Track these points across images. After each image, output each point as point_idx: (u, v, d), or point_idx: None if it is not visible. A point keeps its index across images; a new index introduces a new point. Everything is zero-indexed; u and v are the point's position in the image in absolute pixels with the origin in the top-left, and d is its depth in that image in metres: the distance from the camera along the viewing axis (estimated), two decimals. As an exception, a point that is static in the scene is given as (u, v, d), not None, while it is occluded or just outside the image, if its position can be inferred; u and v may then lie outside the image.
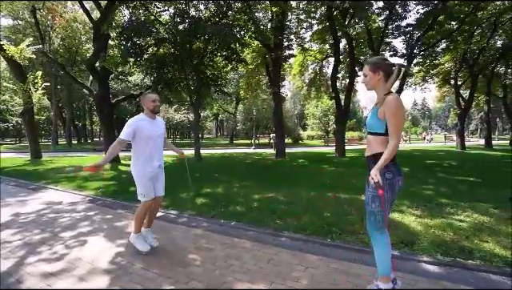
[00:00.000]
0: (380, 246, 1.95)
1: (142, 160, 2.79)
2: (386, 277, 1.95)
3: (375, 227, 1.95)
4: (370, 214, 1.97)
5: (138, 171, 2.79)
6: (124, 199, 5.05)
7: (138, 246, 2.85)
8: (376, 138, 1.92)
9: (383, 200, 1.89)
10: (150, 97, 2.87)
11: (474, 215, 3.98)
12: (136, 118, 2.84)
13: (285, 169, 9.67)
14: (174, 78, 11.28)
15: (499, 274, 2.45)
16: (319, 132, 39.03)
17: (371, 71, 1.95)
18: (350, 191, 5.67)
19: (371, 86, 1.98)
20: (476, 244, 3.00)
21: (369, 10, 13.46)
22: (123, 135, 2.71)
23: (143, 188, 2.80)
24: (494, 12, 14.42)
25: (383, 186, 1.83)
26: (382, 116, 1.84)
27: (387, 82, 1.93)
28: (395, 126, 1.79)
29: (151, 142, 2.83)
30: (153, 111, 2.87)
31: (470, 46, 15.78)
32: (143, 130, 2.76)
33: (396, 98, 1.82)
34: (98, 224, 3.77)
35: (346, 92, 14.79)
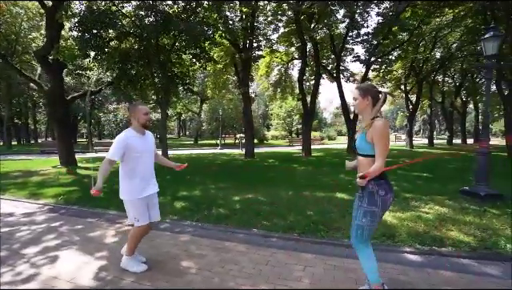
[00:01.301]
0: (366, 257, 2.04)
1: (133, 181, 2.49)
2: (378, 284, 2.05)
3: (361, 240, 2.03)
4: (357, 227, 2.02)
5: (130, 192, 2.47)
6: (93, 207, 4.60)
7: (132, 269, 2.54)
8: (367, 160, 2.00)
9: (376, 217, 1.98)
10: (141, 109, 2.51)
11: (436, 207, 4.45)
12: (125, 134, 2.49)
13: (257, 169, 9.72)
14: (139, 75, 10.58)
15: (468, 258, 2.79)
16: (283, 132, 40.09)
17: (360, 96, 2.06)
18: (324, 189, 5.93)
19: (359, 109, 2.09)
20: (444, 233, 3.36)
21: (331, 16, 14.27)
22: (113, 155, 2.40)
23: (137, 212, 2.50)
24: (435, 27, 16.35)
25: (377, 203, 1.95)
26: (371, 139, 1.94)
27: (374, 107, 2.04)
28: (381, 149, 1.90)
29: (143, 160, 2.53)
30: (144, 126, 2.55)
31: (416, 56, 17.63)
32: (134, 147, 2.45)
33: (383, 123, 1.93)
34: (68, 236, 3.37)
35: (311, 94, 15.41)
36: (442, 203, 4.66)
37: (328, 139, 38.83)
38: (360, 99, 2.05)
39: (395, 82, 20.88)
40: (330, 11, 13.21)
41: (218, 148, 23.24)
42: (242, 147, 20.96)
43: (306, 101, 15.09)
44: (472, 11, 13.01)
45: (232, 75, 16.69)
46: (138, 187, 2.49)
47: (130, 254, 2.59)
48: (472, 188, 5.19)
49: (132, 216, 2.52)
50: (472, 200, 4.89)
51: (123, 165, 2.50)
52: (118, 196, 4.93)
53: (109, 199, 4.88)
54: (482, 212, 4.22)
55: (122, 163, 2.49)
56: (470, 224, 3.64)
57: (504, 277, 2.46)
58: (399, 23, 12.88)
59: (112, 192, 5.48)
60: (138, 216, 2.50)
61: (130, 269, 2.53)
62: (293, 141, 31.44)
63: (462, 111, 26.68)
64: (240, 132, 27.26)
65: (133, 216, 2.51)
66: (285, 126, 38.38)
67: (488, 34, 4.99)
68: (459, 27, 16.40)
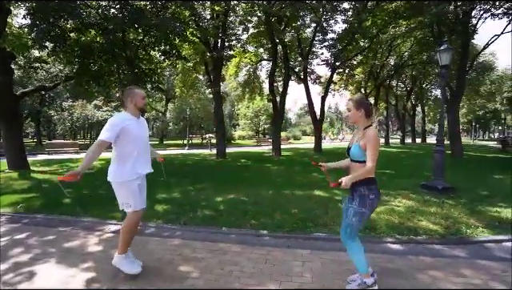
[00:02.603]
0: (354, 251, 2.23)
1: (127, 165, 2.36)
2: (367, 274, 2.24)
3: (349, 236, 2.22)
4: (347, 226, 2.22)
5: (124, 177, 2.34)
6: (63, 213, 4.19)
7: (125, 268, 2.39)
8: (359, 165, 2.18)
9: (364, 217, 2.18)
10: (139, 93, 2.46)
11: (404, 201, 4.92)
12: (121, 116, 2.37)
13: (232, 169, 9.70)
14: (103, 71, 9.84)
15: (439, 244, 3.17)
16: (250, 132, 40.40)
17: (355, 108, 2.24)
18: (302, 187, 6.17)
19: (353, 120, 2.27)
20: (416, 223, 3.75)
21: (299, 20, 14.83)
22: (106, 136, 2.24)
23: (131, 197, 2.37)
24: (390, 37, 17.95)
25: (367, 205, 2.14)
26: (364, 147, 2.14)
27: (367, 117, 2.23)
28: (372, 154, 2.09)
29: (139, 144, 2.42)
30: (141, 110, 2.48)
31: (375, 62, 19.15)
32: (130, 131, 2.33)
33: (374, 132, 2.14)
34: (40, 249, 3.03)
35: (281, 95, 15.81)
36: (408, 197, 5.16)
37: (294, 139, 40.10)
38: (354, 111, 2.22)
39: (356, 86, 22.41)
40: (298, 15, 13.72)
41: (186, 148, 22.58)
42: (211, 147, 20.66)
43: (275, 102, 15.43)
44: (421, 24, 14.52)
45: (202, 74, 16.33)
46: (129, 169, 2.37)
47: (123, 251, 2.43)
48: (430, 182, 5.84)
49: (124, 200, 2.38)
50: (431, 193, 5.50)
51: (117, 148, 2.37)
52: (91, 202, 4.61)
53: (80, 205, 4.49)
54: (442, 203, 4.78)
55: (116, 145, 2.35)
56: (435, 214, 4.11)
57: (470, 257, 2.85)
58: (361, 31, 13.85)
59: (83, 198, 5.07)
60: (130, 200, 2.37)
61: (123, 269, 2.39)
62: (261, 141, 31.85)
63: (412, 113, 29.61)
64: (208, 132, 26.79)
65: (125, 200, 2.38)
66: (252, 126, 38.68)
67: (443, 46, 5.66)
68: (410, 38, 18.21)
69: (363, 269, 2.20)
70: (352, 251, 2.23)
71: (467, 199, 5.08)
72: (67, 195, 2.53)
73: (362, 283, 2.19)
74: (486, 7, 12.27)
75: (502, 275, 2.49)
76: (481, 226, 3.64)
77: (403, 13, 13.70)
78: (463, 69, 12.78)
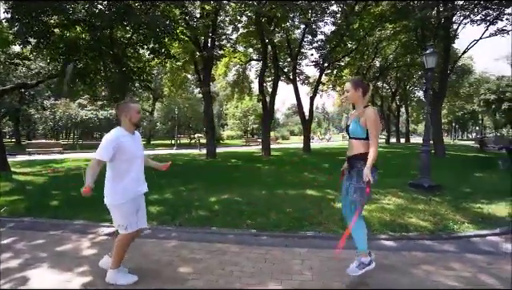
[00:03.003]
0: (358, 227, 2.31)
1: (123, 184, 2.30)
2: (366, 253, 2.33)
3: (354, 213, 2.29)
4: (350, 203, 2.31)
5: (119, 197, 2.29)
6: (52, 217, 4.05)
7: (121, 282, 2.33)
8: (359, 142, 2.29)
9: (368, 193, 2.27)
10: (134, 107, 2.37)
11: (393, 199, 5.09)
12: (116, 133, 2.29)
13: (223, 169, 9.67)
14: (89, 69, 9.56)
15: (429, 239, 3.31)
16: (238, 132, 40.35)
17: (353, 88, 2.34)
18: (294, 187, 6.24)
19: (352, 100, 2.37)
20: (406, 220, 3.89)
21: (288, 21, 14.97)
22: (103, 156, 2.20)
23: (125, 219, 2.31)
24: (376, 40, 18.45)
25: (373, 183, 2.22)
26: (364, 124, 2.24)
27: (364, 97, 2.32)
28: (375, 133, 2.21)
29: (135, 162, 2.37)
30: (136, 125, 2.42)
31: (362, 64, 19.59)
32: (126, 148, 2.28)
33: (374, 111, 2.26)
34: (30, 253, 2.92)
35: (270, 95, 15.89)
36: (397, 195, 5.34)
37: (282, 139, 40.38)
38: (352, 91, 2.32)
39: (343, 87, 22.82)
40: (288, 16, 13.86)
41: (174, 148, 22.27)
42: (200, 147, 20.48)
43: (265, 102, 15.49)
44: (406, 28, 15.01)
45: (191, 74, 16.15)
46: (125, 190, 2.31)
47: (116, 266, 2.37)
48: (417, 181, 6.07)
49: (119, 222, 2.33)
50: (418, 191, 5.71)
51: (112, 166, 2.31)
52: (81, 204, 4.48)
53: (69, 208, 4.36)
54: (429, 201, 4.98)
55: (111, 163, 2.29)
56: (424, 211, 4.28)
57: (458, 251, 2.99)
58: (349, 33, 14.15)
59: (72, 200, 4.91)
60: (126, 223, 2.32)
61: (119, 283, 2.33)
62: (249, 141, 31.86)
63: (397, 114, 30.54)
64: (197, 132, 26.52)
65: (120, 223, 2.33)
66: (241, 126, 38.64)
67: (428, 50, 5.89)
68: (395, 41, 18.79)
69: (362, 247, 2.28)
70: (354, 229, 2.28)
71: (452, 197, 5.31)
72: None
73: (360, 264, 2.26)
74: (466, 13, 12.87)
75: (488, 267, 2.63)
76: (466, 222, 3.83)
77: (389, 16, 14.11)
78: (445, 72, 13.32)
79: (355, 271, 2.28)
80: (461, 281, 2.36)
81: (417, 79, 25.86)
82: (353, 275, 2.28)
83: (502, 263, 2.73)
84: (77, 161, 11.26)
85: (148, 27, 8.22)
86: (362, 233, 2.30)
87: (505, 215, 4.29)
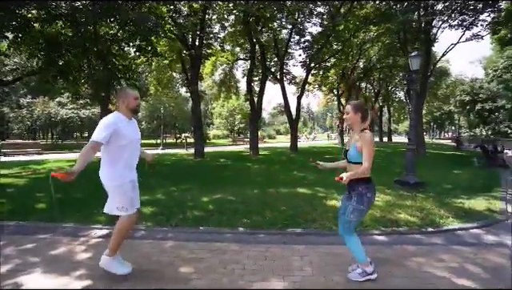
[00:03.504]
0: (354, 244, 2.41)
1: (119, 167, 2.33)
2: (366, 263, 2.42)
3: (348, 231, 2.40)
4: (345, 222, 2.38)
5: (116, 179, 2.30)
6: (40, 220, 3.89)
7: (115, 270, 2.33)
8: (356, 166, 2.34)
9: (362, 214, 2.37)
10: (131, 94, 2.41)
11: (382, 196, 5.28)
12: (114, 117, 2.31)
13: (212, 169, 9.63)
14: (72, 66, 9.21)
15: (418, 233, 3.49)
16: (225, 131, 40.17)
17: (352, 111, 2.40)
18: (286, 185, 6.34)
19: (351, 122, 2.43)
20: (396, 216, 4.07)
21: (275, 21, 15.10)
22: (99, 138, 2.17)
23: (125, 200, 2.32)
24: (360, 41, 18.99)
25: (364, 203, 2.31)
26: (360, 149, 2.30)
27: (362, 121, 2.40)
28: (368, 155, 2.27)
29: (131, 147, 2.38)
30: (134, 111, 2.44)
31: (346, 65, 20.09)
32: (123, 132, 2.29)
33: (370, 135, 2.32)
34: (20, 259, 2.80)
35: (258, 95, 15.95)
36: (384, 192, 5.55)
37: (268, 138, 40.60)
38: (352, 114, 2.38)
39: (329, 87, 23.32)
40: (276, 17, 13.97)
41: (160, 148, 21.84)
42: (187, 146, 20.23)
43: (253, 101, 15.54)
44: (389, 31, 15.55)
45: (178, 72, 15.91)
46: (123, 172, 2.35)
47: (112, 253, 2.36)
48: (403, 178, 6.33)
49: (119, 205, 2.31)
50: (404, 188, 5.97)
51: (108, 150, 2.30)
52: (68, 206, 4.34)
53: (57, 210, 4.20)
54: (414, 197, 5.22)
55: (107, 147, 2.28)
56: (411, 207, 4.49)
57: (445, 244, 3.18)
58: (335, 34, 14.47)
59: (58, 202, 4.74)
60: (126, 204, 2.33)
61: (113, 271, 2.33)
62: (236, 140, 31.81)
63: (379, 114, 31.51)
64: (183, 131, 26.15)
65: (120, 205, 2.32)
66: (227, 125, 38.48)
67: (413, 52, 6.16)
68: (378, 43, 19.41)
69: (362, 259, 2.37)
70: (351, 244, 2.40)
71: (435, 193, 5.60)
72: (53, 194, 2.41)
73: (363, 272, 2.36)
74: (444, 18, 13.52)
75: (474, 257, 2.82)
76: (450, 216, 4.06)
77: (373, 19, 14.55)
78: (426, 74, 13.92)
79: (357, 277, 2.37)
80: (450, 271, 2.52)
81: (398, 81, 26.83)
82: (354, 280, 2.36)
83: (485, 253, 2.93)
84: (58, 162, 10.80)
85: (135, 24, 8.03)
86: (357, 247, 2.39)
87: (483, 209, 4.59)
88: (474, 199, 5.16)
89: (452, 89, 34.40)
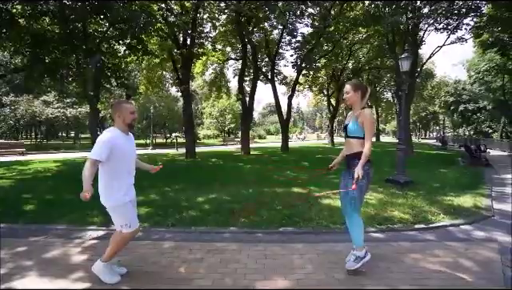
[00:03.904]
0: (357, 224, 2.47)
1: (119, 184, 2.28)
2: (362, 247, 2.49)
3: (354, 209, 2.45)
4: (351, 199, 2.43)
5: (116, 201, 2.26)
6: (29, 222, 3.76)
7: (104, 277, 2.30)
8: (357, 141, 2.44)
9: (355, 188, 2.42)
10: (127, 108, 2.34)
11: (375, 194, 5.40)
12: (111, 133, 2.26)
13: (205, 169, 9.58)
14: (59, 64, 8.95)
15: (412, 230, 3.60)
16: (215, 131, 39.93)
17: (352, 90, 2.48)
18: (280, 185, 6.37)
19: (351, 101, 2.51)
20: (389, 214, 4.17)
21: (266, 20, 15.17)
22: (99, 156, 2.14)
23: (128, 217, 2.29)
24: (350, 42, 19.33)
25: (364, 177, 2.38)
26: (361, 124, 2.39)
27: (362, 99, 2.47)
28: (370, 133, 2.38)
29: (128, 162, 2.36)
30: (130, 126, 2.37)
31: (336, 66, 20.38)
32: (120, 149, 2.24)
33: (371, 112, 2.44)
34: (14, 262, 2.70)
35: (250, 95, 15.97)
36: (377, 191, 5.67)
37: (259, 138, 40.67)
38: (352, 93, 2.46)
39: (320, 87, 23.60)
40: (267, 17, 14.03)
41: (150, 148, 21.51)
42: (178, 146, 20.01)
43: (245, 101, 15.54)
44: (378, 33, 15.89)
45: (168, 71, 15.70)
46: (123, 190, 2.30)
47: (107, 260, 2.33)
48: (394, 177, 6.49)
49: (122, 223, 2.29)
50: (395, 186, 6.12)
51: (106, 167, 2.25)
52: (59, 208, 4.23)
53: (47, 212, 4.09)
54: (405, 195, 5.36)
55: (105, 165, 2.23)
56: (403, 205, 4.61)
57: (438, 240, 3.29)
58: (326, 35, 14.68)
59: (48, 204, 4.60)
60: (129, 221, 2.30)
61: (102, 277, 2.30)
62: (227, 140, 31.70)
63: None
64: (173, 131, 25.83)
65: (123, 223, 2.29)
66: (218, 125, 38.26)
67: (404, 54, 6.33)
68: (367, 45, 19.80)
69: (359, 242, 2.43)
70: (353, 224, 2.43)
71: (425, 191, 5.77)
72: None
73: (357, 258, 2.41)
74: (430, 22, 13.93)
75: (466, 252, 2.93)
76: (441, 213, 4.20)
77: (362, 21, 14.83)
78: (413, 75, 14.29)
79: (353, 265, 2.42)
80: (445, 266, 2.61)
81: (386, 81, 27.44)
82: (351, 269, 2.41)
83: (476, 248, 3.05)
84: (45, 163, 10.45)
85: (126, 22, 7.87)
86: (360, 229, 2.45)
87: (470, 206, 4.77)
88: (462, 197, 5.35)
89: (437, 90, 35.52)
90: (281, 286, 2.28)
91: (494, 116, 33.28)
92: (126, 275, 2.42)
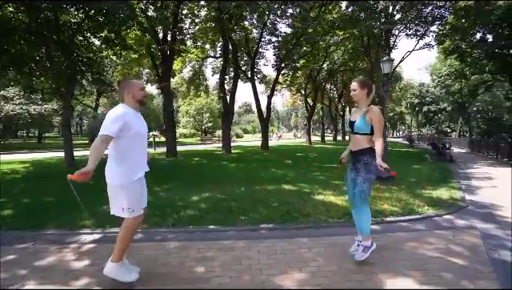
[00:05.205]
0: (365, 214, 2.61)
1: (128, 164, 2.17)
2: (369, 237, 2.64)
3: (364, 201, 2.59)
4: (361, 192, 2.56)
5: (124, 178, 2.14)
6: (11, 229, 3.44)
7: (122, 277, 2.18)
8: (363, 137, 2.57)
9: (371, 181, 2.61)
10: (136, 84, 2.29)
11: (361, 189, 5.68)
12: (121, 110, 2.15)
13: (190, 168, 9.41)
14: (27, 56, 8.23)
15: (404, 221, 3.85)
16: (192, 130, 39.15)
17: (359, 87, 2.60)
18: (270, 183, 6.47)
19: (357, 98, 2.63)
20: (380, 207, 4.42)
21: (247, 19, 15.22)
22: (110, 131, 2.03)
23: (133, 200, 2.17)
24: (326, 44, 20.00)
25: (372, 171, 2.54)
26: (369, 121, 2.51)
27: (368, 96, 2.62)
28: (379, 129, 2.51)
29: (139, 140, 2.26)
30: (141, 102, 2.30)
31: (314, 66, 20.97)
32: (131, 126, 2.14)
33: (379, 109, 2.56)
34: (7, 272, 2.46)
35: (230, 93, 15.89)
36: (363, 186, 5.97)
37: (236, 137, 40.53)
38: (359, 90, 2.57)
39: (297, 87, 24.11)
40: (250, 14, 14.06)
41: (124, 148, 20.47)
42: (156, 146, 19.32)
43: (226, 99, 15.44)
44: (353, 36, 16.61)
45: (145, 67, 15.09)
46: (131, 169, 2.19)
47: (118, 259, 2.21)
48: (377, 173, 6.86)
49: (125, 206, 2.16)
50: (379, 182, 6.48)
51: (117, 145, 2.15)
52: (40, 211, 3.95)
53: (28, 217, 3.77)
54: (390, 189, 5.71)
55: (116, 141, 2.13)
56: (390, 199, 4.91)
57: (428, 229, 3.57)
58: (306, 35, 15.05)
59: (27, 207, 4.25)
60: (133, 205, 2.18)
61: (120, 278, 2.18)
62: (204, 139, 31.22)
63: (342, 114, 33.50)
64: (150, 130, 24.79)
65: (126, 206, 2.16)
66: (195, 124, 37.55)
67: (385, 58, 6.71)
68: (342, 47, 20.61)
69: (367, 231, 2.58)
70: (362, 214, 2.57)
71: (405, 185, 6.19)
72: (78, 198, 2.20)
73: (365, 248, 2.55)
74: (401, 28, 14.87)
75: (454, 239, 3.22)
76: (426, 205, 4.54)
77: (339, 24, 15.42)
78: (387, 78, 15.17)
79: (362, 255, 2.55)
80: (440, 252, 2.85)
81: (359, 83, 28.73)
82: (361, 259, 2.54)
83: (462, 235, 3.36)
84: (10, 164, 9.53)
85: (106, 14, 7.45)
86: (368, 218, 2.60)
87: (448, 198, 5.21)
88: (438, 190, 5.82)
89: (403, 92, 37.99)
90: (299, 278, 2.34)
91: (452, 117, 36.42)
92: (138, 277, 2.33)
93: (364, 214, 2.58)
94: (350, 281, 2.30)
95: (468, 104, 30.00)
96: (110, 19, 7.91)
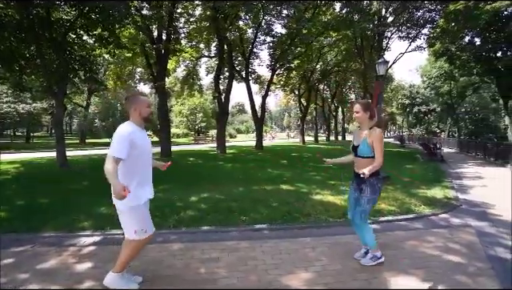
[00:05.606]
0: (367, 231, 2.66)
1: (135, 184, 2.13)
2: (376, 249, 2.68)
3: (364, 220, 2.64)
4: (362, 212, 2.60)
5: (132, 200, 2.07)
6: (7, 231, 3.35)
7: (123, 288, 2.17)
8: (367, 160, 2.57)
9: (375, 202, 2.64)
10: (144, 101, 2.24)
11: (358, 189, 5.77)
12: (127, 128, 2.11)
13: (186, 168, 9.32)
14: (18, 53, 8.02)
15: (402, 220, 3.93)
16: (185, 130, 38.84)
17: (362, 110, 2.62)
18: (267, 183, 6.48)
19: (361, 120, 2.65)
20: (378, 207, 4.47)
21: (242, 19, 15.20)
22: (120, 153, 1.99)
23: (143, 222, 2.16)
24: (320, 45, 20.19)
25: (377, 192, 2.58)
26: (371, 144, 2.54)
27: (370, 119, 2.64)
28: (379, 150, 2.52)
29: (145, 159, 2.23)
30: (147, 120, 2.26)
31: (308, 67, 21.12)
32: (137, 142, 2.10)
33: (380, 132, 2.57)
34: (7, 276, 2.41)
35: (225, 93, 15.84)
36: (359, 186, 6.06)
37: (230, 137, 40.40)
38: (361, 113, 2.60)
39: (291, 87, 24.25)
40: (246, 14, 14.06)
41: (116, 148, 20.16)
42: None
43: (221, 99, 15.38)
44: (347, 38, 16.84)
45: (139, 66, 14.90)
46: (139, 191, 2.16)
47: (120, 270, 2.19)
48: (372, 173, 6.97)
49: (137, 228, 2.14)
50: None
51: (124, 164, 2.10)
52: (35, 214, 3.86)
53: (23, 219, 3.69)
54: (385, 189, 5.81)
55: (124, 161, 2.08)
56: (387, 198, 4.99)
57: (426, 228, 3.65)
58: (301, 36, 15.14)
59: (21, 210, 4.14)
60: (145, 226, 2.18)
61: (120, 288, 2.16)
62: (198, 139, 31.02)
63: (335, 114, 33.85)
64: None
65: (139, 227, 2.14)
66: (188, 123, 37.25)
67: (380, 59, 6.82)
68: (335, 48, 20.84)
69: (373, 245, 2.61)
70: (364, 232, 2.62)
71: (400, 185, 6.31)
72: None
73: (374, 257, 2.60)
74: (394, 30, 15.18)
75: (452, 237, 3.31)
76: (422, 204, 4.65)
77: (334, 25, 15.60)
78: (379, 78, 15.42)
79: (369, 262, 2.61)
80: (439, 250, 2.93)
81: (351, 83, 29.16)
82: (366, 265, 2.59)
83: (459, 233, 3.46)
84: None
85: (101, 12, 7.32)
86: (370, 234, 2.64)
87: (442, 197, 5.34)
88: (432, 190, 5.96)
89: (394, 93, 38.67)
90: (305, 278, 2.36)
91: (441, 117, 37.31)
92: (142, 281, 2.31)
93: (366, 231, 2.63)
94: (357, 280, 2.34)
95: (457, 105, 30.81)
96: (104, 17, 7.78)
